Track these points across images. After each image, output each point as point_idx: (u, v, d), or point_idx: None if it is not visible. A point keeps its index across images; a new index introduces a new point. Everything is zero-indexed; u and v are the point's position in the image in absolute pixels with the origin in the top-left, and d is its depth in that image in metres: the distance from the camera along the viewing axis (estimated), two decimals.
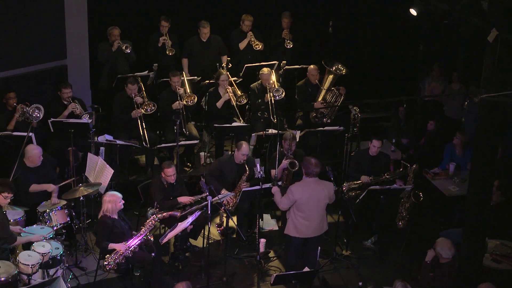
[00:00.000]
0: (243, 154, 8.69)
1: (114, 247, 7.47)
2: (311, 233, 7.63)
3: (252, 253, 8.58)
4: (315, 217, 7.55)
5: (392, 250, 8.82)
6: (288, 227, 7.68)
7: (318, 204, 7.53)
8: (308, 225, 7.56)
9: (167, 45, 10.65)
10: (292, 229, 7.64)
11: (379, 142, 9.01)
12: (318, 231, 7.68)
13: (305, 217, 7.52)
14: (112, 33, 10.40)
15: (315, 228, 7.61)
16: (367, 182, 8.91)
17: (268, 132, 9.66)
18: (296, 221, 7.55)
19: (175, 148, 9.47)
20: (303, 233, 7.61)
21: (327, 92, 10.30)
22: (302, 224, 7.55)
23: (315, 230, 7.63)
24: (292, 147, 8.76)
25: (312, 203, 7.48)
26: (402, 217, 9.00)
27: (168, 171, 8.34)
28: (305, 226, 7.56)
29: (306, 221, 7.53)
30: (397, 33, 11.99)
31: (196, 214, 7.75)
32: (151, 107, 9.75)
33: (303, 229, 7.58)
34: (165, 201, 8.37)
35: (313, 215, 7.53)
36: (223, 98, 10.17)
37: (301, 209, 7.50)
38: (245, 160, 8.72)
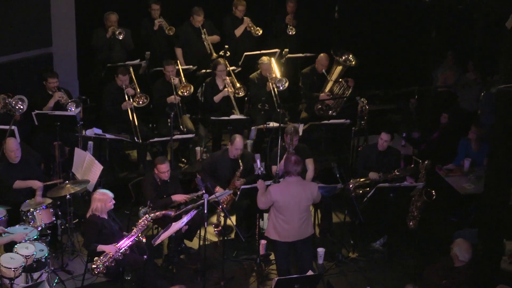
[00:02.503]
0: (237, 149, 8.68)
1: (103, 249, 7.44)
2: (293, 237, 7.57)
3: (251, 256, 8.58)
4: (296, 221, 7.49)
5: (402, 252, 8.83)
6: (268, 229, 7.66)
7: (300, 207, 7.47)
8: (289, 229, 7.51)
9: (165, 26, 10.60)
10: (272, 232, 7.60)
11: (388, 136, 8.99)
12: (302, 235, 7.60)
13: (286, 220, 7.48)
14: (109, 19, 10.38)
15: (297, 232, 7.55)
16: (376, 179, 8.89)
17: (269, 126, 9.66)
18: (276, 223, 7.53)
19: (169, 142, 9.46)
20: (285, 237, 7.56)
21: (335, 84, 10.30)
22: (282, 228, 7.51)
23: (297, 235, 7.57)
24: (294, 142, 8.74)
25: (292, 205, 7.43)
26: (413, 216, 8.99)
27: (161, 167, 8.32)
28: (286, 230, 7.51)
29: (287, 224, 7.49)
30: (408, 19, 11.96)
31: (191, 213, 7.73)
32: (143, 99, 9.75)
33: (284, 233, 7.53)
34: (158, 200, 8.35)
35: (294, 218, 7.47)
36: (221, 93, 10.17)
37: (281, 211, 7.47)
38: (239, 155, 8.69)
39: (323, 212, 9.06)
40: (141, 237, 7.55)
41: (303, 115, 10.67)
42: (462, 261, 7.31)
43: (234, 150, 8.70)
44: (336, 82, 10.29)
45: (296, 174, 7.44)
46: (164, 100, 9.90)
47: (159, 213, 7.97)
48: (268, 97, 10.18)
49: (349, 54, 10.27)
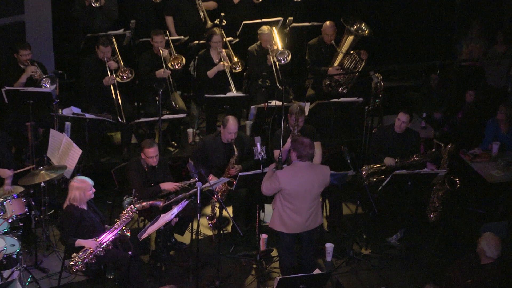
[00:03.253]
0: (230, 133, 8.67)
1: (82, 244, 7.45)
2: (301, 228, 7.59)
3: (251, 252, 8.60)
4: (306, 210, 7.52)
5: (422, 248, 8.84)
6: (273, 220, 7.66)
7: (311, 193, 7.49)
8: (298, 220, 7.53)
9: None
10: (278, 223, 7.61)
11: (406, 117, 8.97)
12: (311, 225, 7.64)
13: (295, 210, 7.49)
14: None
15: (307, 222, 7.57)
16: (392, 165, 8.90)
17: (271, 104, 9.63)
18: (283, 213, 7.54)
19: (157, 123, 9.47)
20: (292, 228, 7.58)
21: (345, 56, 10.27)
22: (290, 218, 7.52)
23: (306, 225, 7.59)
24: (299, 123, 8.71)
25: (302, 192, 7.44)
26: (434, 208, 9.02)
27: (148, 152, 8.32)
28: (293, 221, 7.53)
29: (296, 214, 7.51)
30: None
31: (182, 204, 7.72)
32: (127, 74, 9.74)
33: (292, 224, 7.55)
34: (145, 188, 8.36)
35: (304, 207, 7.50)
36: (216, 67, 10.16)
37: (288, 200, 7.47)
38: (233, 140, 8.70)
39: (332, 203, 9.07)
40: (126, 230, 7.55)
41: (310, 92, 10.65)
42: (489, 258, 7.30)
43: (227, 134, 8.69)
44: (347, 55, 10.25)
45: (308, 159, 7.47)
46: (151, 75, 9.88)
47: (145, 203, 7.97)
48: (270, 72, 10.15)
49: (361, 23, 10.23)
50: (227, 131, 8.67)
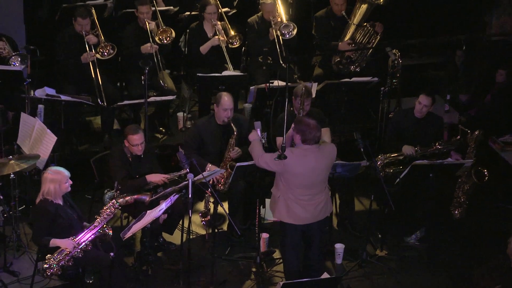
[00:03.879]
0: (226, 109, 8.63)
1: (57, 244, 7.42)
2: (312, 218, 7.58)
3: (250, 253, 8.61)
4: (317, 195, 7.54)
5: (445, 249, 8.83)
6: (280, 210, 7.62)
7: (320, 177, 7.53)
8: (309, 208, 7.53)
9: None
10: (285, 214, 7.58)
11: (428, 100, 8.94)
12: (322, 214, 7.64)
13: (303, 197, 7.49)
14: None
15: (317, 209, 7.57)
16: (411, 154, 8.89)
17: (273, 85, 9.60)
18: (290, 201, 7.53)
19: (142, 106, 9.46)
20: (303, 218, 7.55)
21: (358, 29, 10.24)
22: (299, 206, 7.51)
23: (317, 213, 7.58)
24: (305, 106, 8.67)
25: (311, 176, 7.45)
26: (459, 203, 9.02)
27: (133, 139, 8.30)
28: (303, 209, 7.52)
29: (306, 201, 7.51)
30: None
31: (171, 198, 7.71)
32: (108, 50, 9.72)
33: (302, 213, 7.53)
34: (129, 181, 8.35)
35: (313, 192, 7.52)
36: (210, 42, 10.15)
37: (295, 186, 7.47)
38: (229, 118, 8.67)
39: (343, 197, 9.06)
40: (107, 229, 7.52)
41: (317, 71, 10.63)
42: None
43: (222, 111, 8.65)
44: (359, 27, 10.22)
45: (315, 142, 7.45)
46: (136, 51, 9.87)
47: (129, 198, 7.96)
48: (272, 48, 10.13)
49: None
50: (222, 108, 8.64)
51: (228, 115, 8.66)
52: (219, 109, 8.69)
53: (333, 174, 8.26)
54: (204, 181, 7.93)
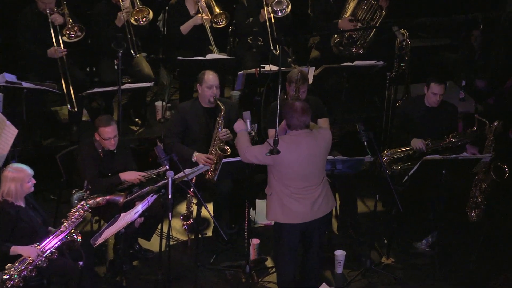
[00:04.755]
0: (210, 86, 8.68)
1: (19, 251, 7.40)
2: (311, 215, 7.55)
3: (238, 262, 8.61)
4: (315, 188, 7.53)
5: (459, 257, 8.86)
6: (274, 211, 7.60)
7: (317, 166, 7.51)
8: (306, 203, 7.51)
9: None
10: (280, 213, 7.56)
11: (440, 87, 8.95)
12: (322, 209, 7.61)
13: (300, 191, 7.47)
14: None
15: (316, 205, 7.55)
16: (421, 149, 8.91)
17: (264, 70, 9.61)
18: (285, 198, 7.50)
19: (116, 94, 9.46)
20: (300, 216, 7.52)
21: (360, 3, 10.28)
22: (295, 202, 7.49)
23: (316, 209, 7.56)
24: (300, 94, 8.70)
25: (306, 166, 7.44)
26: (476, 204, 9.03)
27: (105, 131, 8.29)
28: (301, 205, 7.50)
29: (302, 196, 7.49)
30: None
31: (149, 199, 7.72)
32: (76, 32, 9.69)
33: (299, 210, 7.50)
34: (100, 179, 8.35)
35: (310, 185, 7.50)
36: (191, 20, 10.17)
37: (289, 179, 7.45)
38: (215, 97, 8.72)
39: (344, 197, 9.07)
40: (75, 234, 7.50)
41: (314, 54, 10.67)
42: None
43: (207, 90, 8.69)
44: (361, 1, 10.27)
45: (304, 127, 7.45)
46: (109, 32, 9.84)
47: (101, 199, 7.91)
48: (263, 28, 10.14)
49: None
50: (206, 86, 8.70)
51: (213, 93, 8.70)
52: (202, 88, 8.73)
53: (332, 171, 8.27)
54: (186, 179, 7.92)
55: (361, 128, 8.26)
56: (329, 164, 8.08)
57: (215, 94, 8.73)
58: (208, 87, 8.69)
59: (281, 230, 7.61)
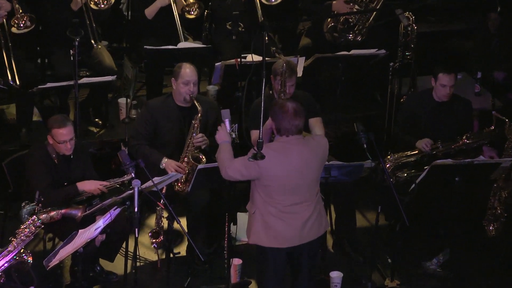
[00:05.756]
0: (186, 82, 8.70)
1: None
2: (299, 238, 7.53)
3: (217, 286, 8.66)
4: (305, 206, 7.49)
5: (475, 278, 8.89)
6: (256, 231, 7.57)
7: (307, 180, 7.47)
8: (293, 223, 7.48)
9: None
10: (263, 234, 7.53)
11: (450, 77, 8.97)
12: (313, 232, 7.59)
13: (287, 209, 7.44)
14: None
15: (306, 227, 7.51)
16: (428, 151, 8.93)
17: (246, 60, 9.65)
18: (269, 217, 7.46)
19: (72, 90, 9.47)
20: (287, 239, 7.51)
21: None
22: (281, 223, 7.46)
23: (306, 232, 7.53)
24: (288, 88, 8.75)
25: (295, 179, 7.40)
26: (495, 216, 9.02)
27: (59, 134, 8.29)
28: (288, 226, 7.47)
29: (289, 215, 7.46)
30: None
31: (111, 213, 7.70)
32: (25, 22, 9.72)
33: (286, 232, 7.48)
34: (54, 190, 8.36)
35: (300, 202, 7.46)
36: (158, 1, 10.28)
37: (275, 194, 7.41)
38: (192, 96, 8.73)
39: (340, 209, 9.12)
40: (25, 254, 7.49)
41: (305, 41, 10.73)
42: None
43: (182, 86, 8.71)
44: None
45: (297, 133, 7.42)
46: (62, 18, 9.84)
47: (55, 213, 7.96)
48: (244, 11, 10.29)
49: None
50: (182, 81, 8.71)
51: (190, 90, 8.70)
52: (178, 83, 8.74)
53: (327, 178, 8.27)
54: (156, 189, 7.93)
55: (360, 128, 8.23)
56: (323, 171, 8.04)
57: (192, 92, 8.73)
58: (184, 83, 8.70)
59: (265, 253, 7.60)
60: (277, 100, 7.69)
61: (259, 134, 7.61)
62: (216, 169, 8.02)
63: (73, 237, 7.62)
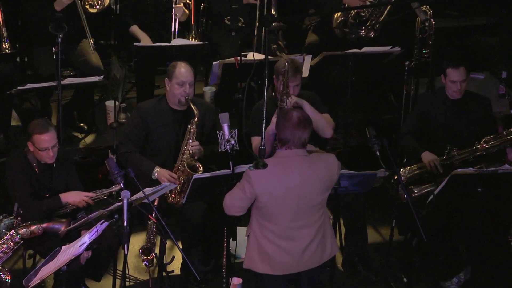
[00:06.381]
0: (181, 83, 8.71)
1: None
2: (296, 266, 7.55)
3: None
4: (304, 232, 7.50)
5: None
6: (250, 255, 7.62)
7: (308, 203, 7.45)
8: (289, 251, 7.50)
9: None
10: (258, 260, 7.57)
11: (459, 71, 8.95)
12: (313, 260, 7.59)
13: (283, 234, 7.46)
14: None
15: (305, 254, 7.53)
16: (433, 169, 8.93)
17: (246, 59, 9.64)
18: (264, 241, 7.51)
19: (54, 92, 9.55)
20: (282, 266, 7.54)
21: None
22: (276, 249, 7.50)
23: (305, 260, 7.55)
24: (291, 90, 8.72)
25: (293, 203, 7.39)
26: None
27: (41, 140, 8.27)
28: (283, 253, 7.50)
29: (286, 240, 7.48)
30: None
31: (98, 227, 7.64)
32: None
33: (281, 258, 7.51)
34: (35, 201, 8.34)
35: (298, 226, 7.47)
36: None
37: (270, 217, 7.44)
38: (188, 98, 8.74)
39: (351, 224, 9.11)
40: (3, 273, 7.55)
41: (312, 38, 10.78)
42: None
43: (177, 87, 8.72)
44: None
45: (300, 146, 7.39)
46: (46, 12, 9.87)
47: (36, 227, 7.98)
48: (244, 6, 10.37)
49: None
50: (176, 82, 8.72)
51: (185, 92, 8.70)
52: (172, 84, 8.74)
53: (336, 189, 8.24)
54: (147, 201, 7.92)
55: (373, 133, 8.23)
56: None
57: (188, 94, 8.72)
58: (179, 83, 8.70)
59: (261, 279, 7.64)
60: (286, 109, 7.61)
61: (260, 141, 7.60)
62: (213, 178, 8.15)
63: (56, 254, 7.57)
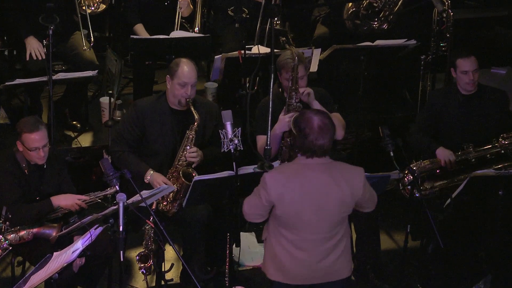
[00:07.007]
0: (182, 84, 8.69)
1: None
2: (309, 278, 7.55)
3: None
4: (319, 245, 7.48)
5: None
6: (266, 263, 7.63)
7: (327, 215, 7.40)
8: (304, 261, 7.47)
9: None
10: (271, 266, 7.58)
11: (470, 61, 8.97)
12: (329, 274, 7.56)
13: (298, 243, 7.45)
14: None
15: (319, 267, 7.53)
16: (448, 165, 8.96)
17: (251, 53, 9.67)
18: (279, 249, 7.49)
19: (45, 88, 9.58)
20: (295, 276, 7.52)
21: None
22: (290, 258, 7.48)
23: (319, 274, 7.54)
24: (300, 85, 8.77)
25: (311, 212, 7.34)
26: None
27: (30, 139, 8.32)
28: (298, 263, 7.48)
29: (301, 251, 7.46)
30: None
31: (92, 232, 7.65)
32: None
33: (295, 268, 7.50)
34: (25, 205, 8.39)
35: (314, 239, 7.45)
36: None
37: (288, 225, 7.42)
38: (189, 99, 8.75)
39: (362, 229, 9.15)
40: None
41: (321, 30, 10.80)
42: None
43: (179, 87, 8.71)
44: None
45: (320, 153, 7.27)
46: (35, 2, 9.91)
47: (25, 232, 8.03)
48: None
49: None
50: (178, 82, 8.70)
51: (187, 93, 8.68)
52: (173, 83, 8.72)
53: None
54: (144, 204, 7.91)
55: (386, 133, 8.26)
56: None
57: (189, 96, 8.71)
58: (180, 84, 8.68)
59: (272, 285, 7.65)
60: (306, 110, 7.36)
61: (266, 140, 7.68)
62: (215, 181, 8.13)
63: (47, 261, 7.51)
